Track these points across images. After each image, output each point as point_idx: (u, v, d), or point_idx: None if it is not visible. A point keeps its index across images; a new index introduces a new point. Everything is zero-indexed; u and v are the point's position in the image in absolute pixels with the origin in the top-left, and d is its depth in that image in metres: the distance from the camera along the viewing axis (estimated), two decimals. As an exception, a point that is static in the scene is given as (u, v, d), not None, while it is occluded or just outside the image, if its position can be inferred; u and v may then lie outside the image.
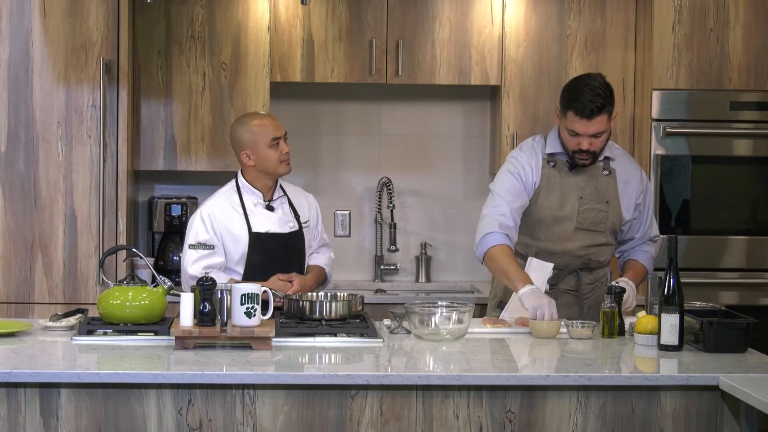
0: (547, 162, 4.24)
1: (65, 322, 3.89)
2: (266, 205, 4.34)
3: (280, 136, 4.29)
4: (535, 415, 3.36)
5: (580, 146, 4.13)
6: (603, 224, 4.25)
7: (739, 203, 5.25)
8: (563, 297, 4.26)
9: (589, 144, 4.12)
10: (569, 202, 4.23)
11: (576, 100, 4.07)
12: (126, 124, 4.95)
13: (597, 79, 4.13)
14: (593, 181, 4.25)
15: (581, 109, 4.06)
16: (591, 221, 4.24)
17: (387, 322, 4.03)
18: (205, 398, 3.30)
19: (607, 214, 4.25)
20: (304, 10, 5.34)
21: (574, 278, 4.26)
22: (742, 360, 3.54)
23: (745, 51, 5.20)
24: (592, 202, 4.24)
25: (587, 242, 4.25)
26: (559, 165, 4.25)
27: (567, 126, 4.12)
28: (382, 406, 3.33)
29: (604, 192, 4.25)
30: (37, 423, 3.29)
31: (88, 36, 4.91)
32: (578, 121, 4.08)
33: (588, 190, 4.24)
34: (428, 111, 5.75)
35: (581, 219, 4.23)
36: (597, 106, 4.06)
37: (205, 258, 4.23)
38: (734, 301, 5.19)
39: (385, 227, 5.71)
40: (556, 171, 4.24)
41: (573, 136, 4.13)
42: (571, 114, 4.09)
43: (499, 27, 5.37)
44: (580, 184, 4.24)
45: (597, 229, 4.25)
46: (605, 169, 4.27)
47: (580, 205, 4.23)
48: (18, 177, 4.92)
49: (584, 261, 4.26)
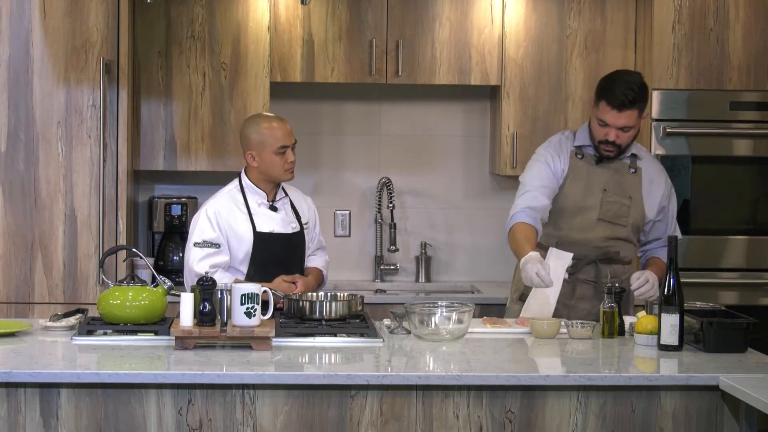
0: (575, 154, 4.34)
1: (65, 322, 3.89)
2: (270, 206, 4.34)
3: (288, 144, 4.28)
4: (535, 415, 3.36)
5: (608, 137, 4.23)
6: (625, 218, 4.31)
7: (739, 203, 5.25)
8: (582, 287, 4.30)
9: (616, 136, 4.22)
10: (594, 192, 4.31)
11: (609, 91, 4.19)
12: (126, 124, 4.95)
13: (634, 75, 4.28)
14: (618, 177, 4.33)
15: (612, 100, 4.17)
16: (614, 213, 4.30)
17: (387, 322, 4.03)
18: (205, 398, 3.31)
19: (629, 208, 4.31)
20: (304, 10, 5.34)
21: (593, 269, 4.29)
22: (742, 360, 3.54)
23: (745, 51, 5.20)
24: (615, 195, 4.31)
25: (608, 234, 4.31)
26: (587, 158, 4.34)
27: (598, 115, 4.23)
28: (382, 406, 3.33)
29: (629, 188, 4.33)
30: (37, 423, 3.29)
31: (88, 36, 4.91)
32: (609, 111, 4.19)
33: (612, 184, 4.32)
34: (428, 111, 5.75)
35: (604, 210, 4.30)
36: (629, 100, 4.17)
37: (211, 256, 4.22)
38: (734, 301, 5.19)
39: (385, 227, 5.71)
40: (583, 162, 4.34)
41: (602, 126, 4.23)
42: (603, 104, 4.20)
43: (499, 27, 5.37)
44: (606, 177, 4.33)
45: (619, 222, 4.31)
46: (632, 167, 4.35)
47: (603, 197, 4.31)
48: (18, 177, 4.92)
49: (604, 252, 4.31)
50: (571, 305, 4.27)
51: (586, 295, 4.30)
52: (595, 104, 4.26)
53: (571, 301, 4.28)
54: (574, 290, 4.29)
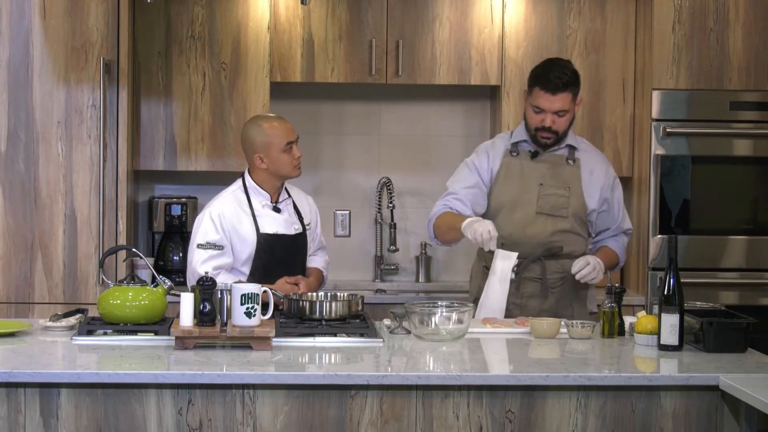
0: (510, 152, 4.37)
1: (65, 322, 3.89)
2: (273, 207, 4.34)
3: (293, 140, 4.29)
4: (535, 415, 3.36)
5: (543, 123, 4.27)
6: (564, 209, 4.32)
7: (739, 203, 5.25)
8: (528, 285, 4.31)
9: (552, 121, 4.26)
10: (530, 187, 4.33)
11: (543, 75, 4.25)
12: (126, 124, 4.95)
13: (566, 62, 4.34)
14: (555, 169, 4.35)
15: (547, 83, 4.22)
16: (551, 206, 4.32)
17: (387, 322, 4.03)
18: (205, 398, 3.31)
19: (568, 199, 4.32)
20: (304, 10, 5.34)
21: (538, 266, 4.31)
22: (742, 360, 3.54)
23: (745, 51, 5.20)
24: (552, 188, 4.33)
25: (550, 228, 4.32)
26: (522, 154, 4.37)
27: (532, 102, 4.27)
28: (382, 406, 3.33)
29: (567, 179, 4.35)
30: (37, 423, 3.29)
31: (88, 36, 4.91)
32: (543, 95, 4.23)
33: (549, 177, 4.34)
34: (428, 111, 5.76)
35: (541, 203, 4.31)
36: (563, 83, 4.23)
37: (215, 258, 4.22)
38: (734, 301, 5.19)
39: (385, 227, 5.71)
40: (517, 160, 4.36)
41: (537, 113, 4.27)
42: (537, 89, 4.25)
43: (499, 27, 5.37)
44: (542, 171, 4.35)
45: (558, 215, 4.32)
46: (569, 158, 4.36)
47: (540, 191, 4.32)
48: (18, 177, 4.92)
49: (548, 248, 4.31)
50: (521, 304, 4.28)
51: (534, 292, 4.30)
52: (529, 93, 4.29)
53: (521, 300, 4.30)
54: (521, 289, 4.30)
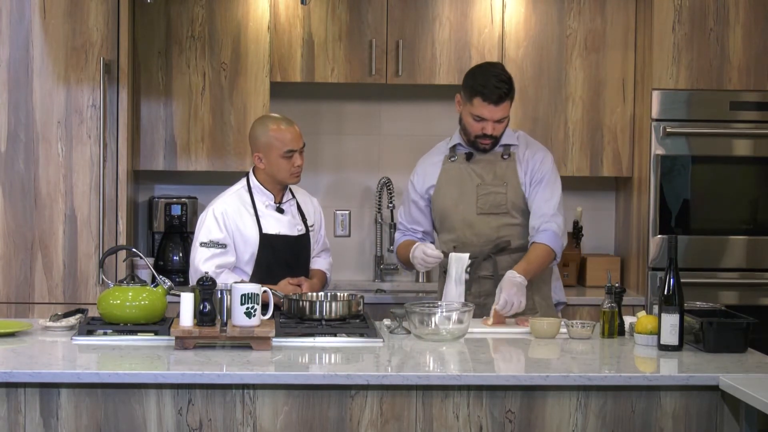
0: (449, 158, 4.42)
1: (65, 322, 3.89)
2: (277, 207, 4.33)
3: (296, 149, 4.27)
4: (535, 415, 3.36)
5: (484, 131, 4.30)
6: (504, 205, 4.35)
7: (739, 203, 5.25)
8: (484, 284, 4.33)
9: (493, 129, 4.29)
10: (468, 189, 4.36)
11: (483, 86, 4.25)
12: (126, 124, 4.95)
13: (499, 67, 4.35)
14: (491, 167, 4.38)
15: (488, 95, 4.24)
16: (491, 204, 4.35)
17: (387, 322, 4.03)
18: (205, 398, 3.31)
19: (506, 195, 4.35)
20: (304, 10, 5.34)
21: (490, 264, 4.32)
22: (742, 360, 3.54)
23: (745, 51, 5.20)
24: (490, 186, 4.35)
25: (493, 225, 4.34)
26: (459, 158, 4.41)
27: (473, 112, 4.28)
28: (382, 406, 3.33)
29: (503, 175, 4.37)
30: (37, 423, 3.29)
31: (88, 36, 4.91)
32: (485, 106, 4.26)
33: (486, 176, 4.37)
34: (428, 111, 5.75)
35: (481, 204, 4.35)
36: (504, 92, 4.25)
37: (218, 257, 4.22)
38: (734, 301, 5.19)
39: (385, 227, 5.71)
40: (455, 164, 4.40)
41: (478, 121, 4.29)
42: (479, 100, 4.26)
43: (499, 27, 5.37)
44: (478, 171, 4.38)
45: (500, 211, 4.35)
46: (504, 154, 4.39)
47: (479, 191, 4.35)
48: (18, 177, 4.92)
49: (496, 244, 4.33)
50: (481, 303, 4.28)
51: (490, 291, 4.29)
52: (468, 101, 4.29)
53: (479, 299, 4.30)
54: (475, 288, 4.31)
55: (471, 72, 4.36)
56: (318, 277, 4.41)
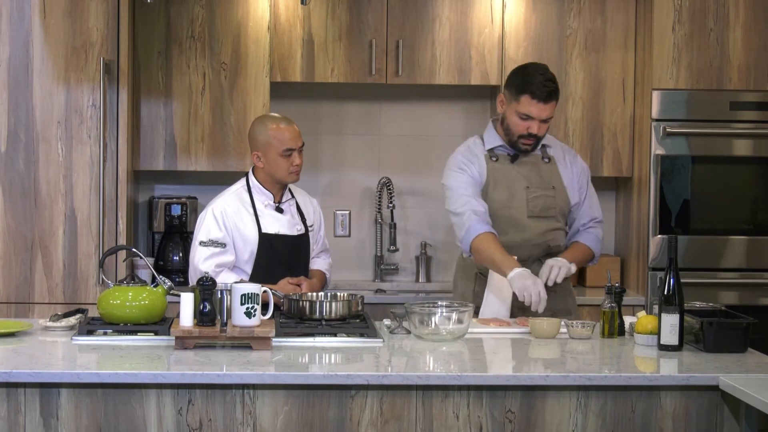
0: (490, 158, 4.34)
1: (65, 322, 3.89)
2: (276, 207, 4.34)
3: (294, 148, 4.27)
4: (535, 415, 3.36)
5: (530, 130, 4.24)
6: (553, 209, 4.33)
7: (739, 203, 5.25)
8: None
9: (538, 128, 4.25)
10: (517, 192, 4.32)
11: (532, 84, 4.20)
12: (126, 124, 4.95)
13: (545, 67, 4.30)
14: (536, 170, 4.35)
15: (538, 93, 4.19)
16: (541, 207, 4.32)
17: (387, 322, 4.03)
18: (205, 398, 3.31)
19: (555, 199, 4.33)
20: (304, 10, 5.34)
21: (538, 267, 4.30)
22: (742, 360, 3.54)
23: (745, 51, 5.20)
24: (539, 189, 4.32)
25: (542, 228, 4.32)
26: (501, 159, 4.35)
27: (520, 110, 4.23)
28: (382, 406, 3.33)
29: (549, 179, 4.35)
30: (37, 423, 3.29)
31: (88, 36, 4.91)
32: (534, 104, 4.20)
33: (533, 179, 4.34)
34: (428, 111, 5.75)
35: (531, 207, 4.31)
36: (552, 90, 4.22)
37: (217, 256, 4.22)
38: (734, 301, 5.19)
39: (385, 227, 5.71)
40: (499, 165, 4.34)
41: (524, 119, 4.24)
42: (527, 98, 4.21)
43: (499, 27, 5.37)
44: (525, 173, 4.34)
45: (549, 215, 4.33)
46: (545, 157, 4.37)
47: (528, 194, 4.31)
48: (18, 177, 4.92)
49: (544, 248, 4.33)
50: (524, 307, 4.26)
51: None
52: (515, 99, 4.23)
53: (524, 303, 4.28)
54: None
55: (517, 71, 4.31)
56: (317, 277, 4.41)
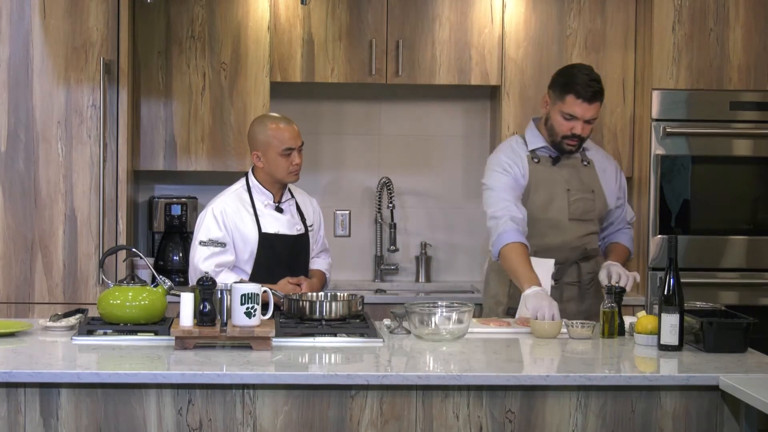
0: (531, 159, 4.33)
1: (65, 322, 3.89)
2: (276, 207, 4.34)
3: (294, 147, 4.28)
4: (535, 415, 3.36)
5: (574, 131, 4.23)
6: (593, 212, 4.34)
7: (739, 203, 5.25)
8: (568, 290, 4.32)
9: (582, 129, 4.23)
10: (558, 194, 4.31)
11: (577, 83, 4.19)
12: (126, 124, 4.95)
13: (590, 68, 4.31)
14: (576, 173, 4.35)
15: (583, 92, 4.18)
16: (582, 211, 4.32)
17: (387, 322, 4.03)
18: (205, 398, 3.31)
19: (594, 202, 4.34)
20: (304, 10, 5.34)
21: (575, 270, 4.31)
22: (742, 360, 3.54)
23: (745, 51, 5.20)
24: (579, 192, 4.33)
25: (581, 232, 4.32)
26: (543, 160, 4.34)
27: (564, 110, 4.21)
28: (382, 406, 3.33)
29: (588, 182, 4.35)
30: (37, 423, 3.29)
31: (88, 36, 4.91)
32: (579, 104, 4.19)
33: (574, 182, 4.33)
34: (428, 111, 5.75)
35: (572, 210, 4.31)
36: (597, 90, 4.20)
37: (217, 255, 4.22)
38: (734, 301, 5.19)
39: (385, 227, 5.71)
40: (540, 166, 4.33)
41: (568, 120, 4.22)
42: (572, 97, 4.20)
43: (499, 27, 5.37)
44: (565, 176, 4.33)
45: (588, 218, 4.34)
46: (584, 160, 4.38)
47: (569, 197, 4.31)
48: (18, 177, 4.92)
49: (581, 251, 4.33)
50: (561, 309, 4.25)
51: (573, 296, 4.31)
52: (559, 98, 4.22)
53: (561, 305, 4.26)
54: (561, 294, 4.29)
55: (562, 71, 4.31)
56: (317, 277, 4.41)
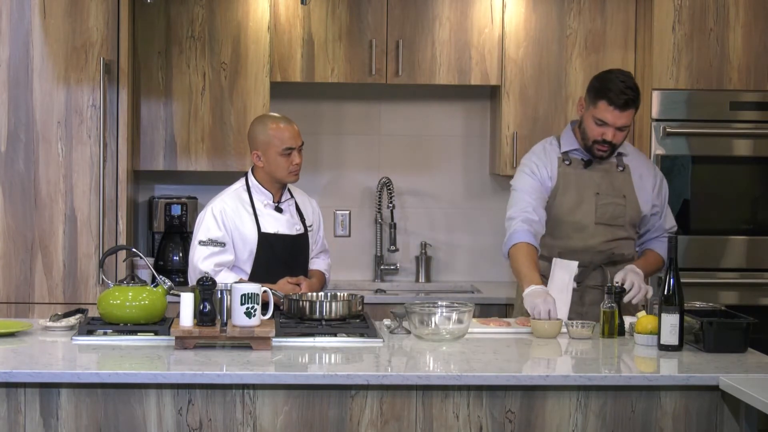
0: (563, 161, 4.31)
1: (65, 322, 3.89)
2: (275, 207, 4.34)
3: (294, 147, 4.28)
4: (535, 415, 3.36)
5: (605, 137, 4.21)
6: (622, 218, 4.30)
7: (739, 203, 5.25)
8: (590, 293, 4.30)
9: (613, 135, 4.20)
10: (587, 198, 4.29)
11: (610, 90, 4.16)
12: (126, 124, 4.95)
13: (628, 75, 4.24)
14: (609, 177, 4.32)
15: (615, 99, 4.15)
16: (610, 215, 4.29)
17: (387, 322, 4.03)
18: (205, 398, 3.31)
19: (625, 208, 4.31)
20: (304, 10, 5.34)
21: (599, 274, 4.29)
22: (742, 360, 3.54)
23: (745, 51, 5.20)
24: (609, 197, 4.30)
25: (608, 237, 4.30)
26: (575, 163, 4.32)
27: (596, 115, 4.19)
28: (382, 406, 3.33)
29: (621, 187, 4.32)
30: (37, 423, 3.29)
31: (88, 36, 4.91)
32: (610, 111, 4.17)
33: (604, 186, 4.30)
34: (428, 111, 5.76)
35: (600, 214, 4.29)
36: (630, 98, 4.16)
37: (216, 255, 4.22)
38: (734, 301, 5.19)
39: (385, 227, 5.71)
40: (571, 169, 4.31)
41: (600, 125, 4.20)
42: (604, 104, 4.17)
43: (499, 27, 5.37)
44: (596, 180, 4.30)
45: (616, 224, 4.30)
46: (619, 165, 4.34)
47: (597, 200, 4.29)
48: (18, 177, 4.92)
49: (607, 256, 4.30)
50: (582, 312, 4.26)
51: (596, 300, 4.26)
52: (592, 104, 4.21)
53: (582, 308, 4.27)
54: (583, 297, 4.28)
55: (598, 76, 4.27)
56: (317, 278, 4.41)
